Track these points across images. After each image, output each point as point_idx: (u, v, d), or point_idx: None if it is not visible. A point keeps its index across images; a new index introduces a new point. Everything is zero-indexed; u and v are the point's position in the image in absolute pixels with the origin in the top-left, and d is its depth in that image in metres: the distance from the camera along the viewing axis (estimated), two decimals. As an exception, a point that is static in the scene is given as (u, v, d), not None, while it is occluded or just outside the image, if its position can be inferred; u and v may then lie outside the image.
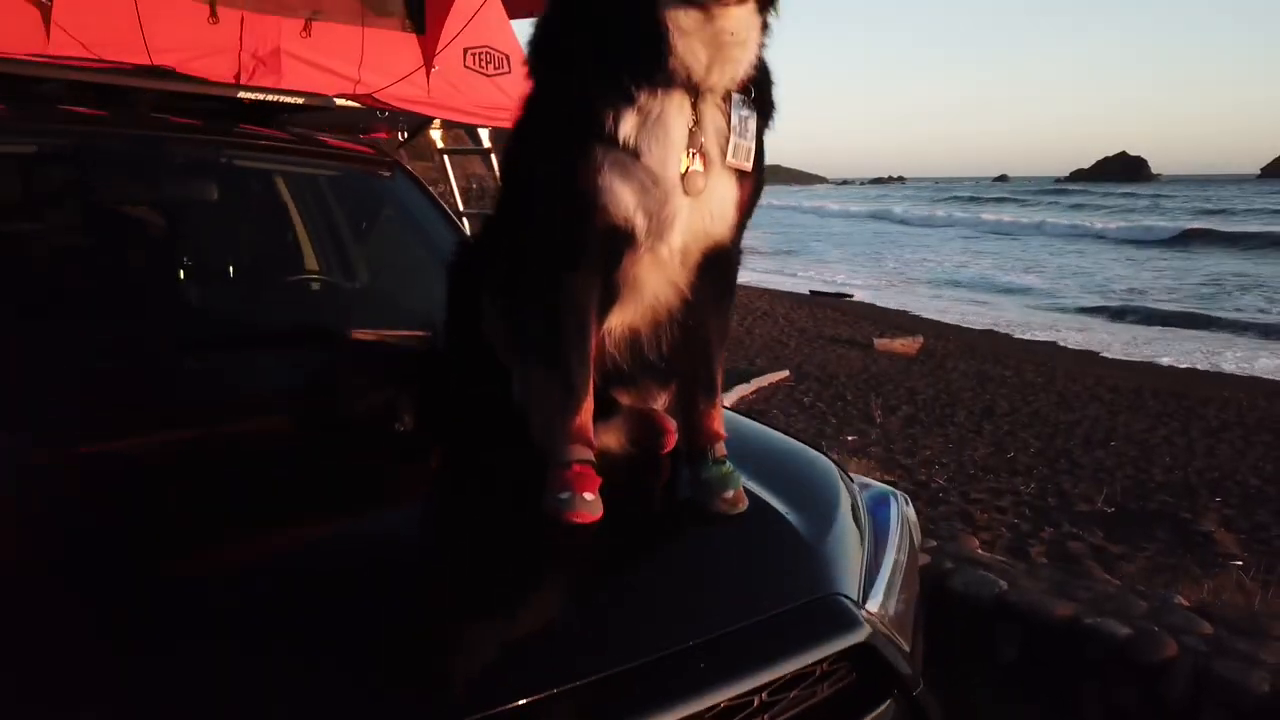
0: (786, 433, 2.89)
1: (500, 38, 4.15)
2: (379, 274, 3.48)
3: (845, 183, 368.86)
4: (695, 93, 1.83)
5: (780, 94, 2.02)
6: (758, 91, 1.90)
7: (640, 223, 1.87)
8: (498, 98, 4.16)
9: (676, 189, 1.86)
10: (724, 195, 1.94)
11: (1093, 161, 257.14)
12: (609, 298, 1.96)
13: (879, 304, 26.57)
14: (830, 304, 25.44)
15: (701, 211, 1.91)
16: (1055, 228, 58.43)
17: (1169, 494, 9.22)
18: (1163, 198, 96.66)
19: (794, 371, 14.96)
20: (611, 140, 1.81)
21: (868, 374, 15.26)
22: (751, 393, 13.22)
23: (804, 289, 29.84)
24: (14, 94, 3.08)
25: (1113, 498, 8.85)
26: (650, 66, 1.78)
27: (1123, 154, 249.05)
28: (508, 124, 4.51)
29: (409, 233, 3.52)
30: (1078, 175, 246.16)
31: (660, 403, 2.25)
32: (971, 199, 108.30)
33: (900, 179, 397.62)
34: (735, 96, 1.87)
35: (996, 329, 23.24)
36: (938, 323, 23.04)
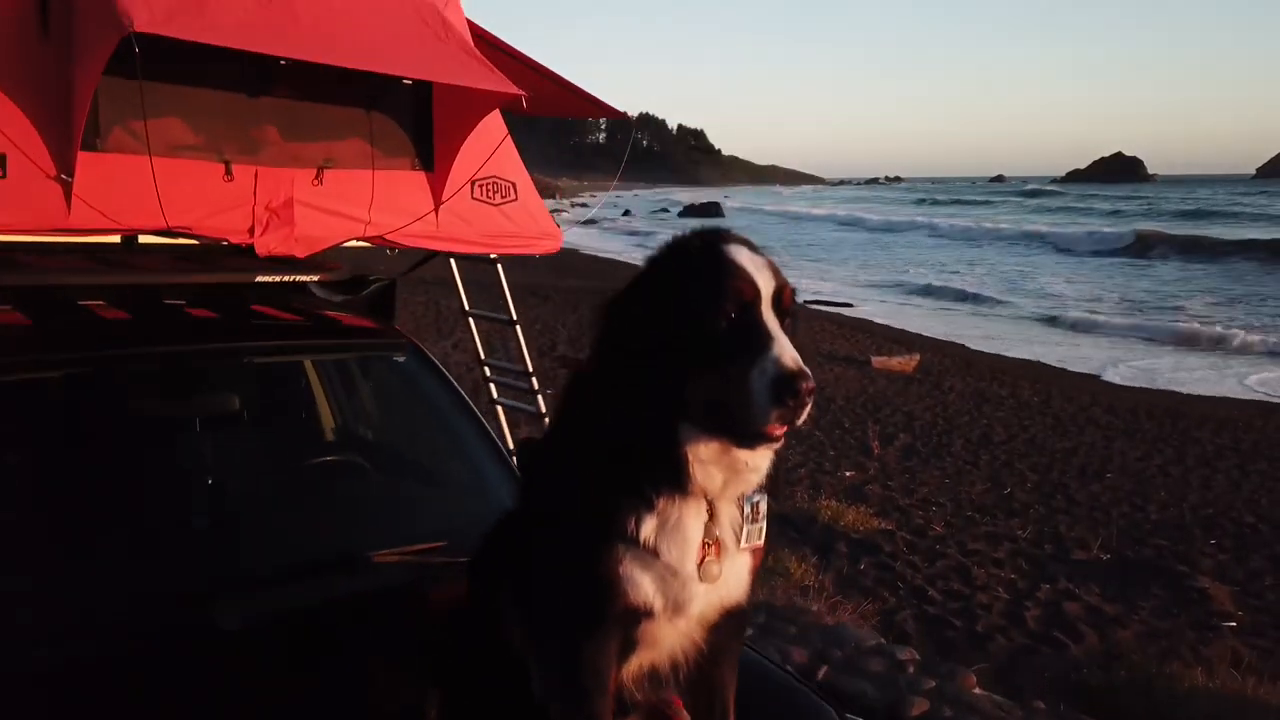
0: (789, 672, 2.93)
1: (507, 166, 4.18)
2: (393, 463, 3.49)
3: (842, 182, 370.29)
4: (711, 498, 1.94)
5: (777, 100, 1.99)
6: (769, 478, 1.99)
7: (659, 605, 1.97)
8: (505, 225, 4.21)
9: (693, 578, 1.97)
10: (739, 572, 2.05)
11: (1089, 162, 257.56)
12: (628, 647, 2.05)
13: (872, 317, 26.59)
14: (826, 316, 25.50)
15: (718, 589, 2.02)
16: (1015, 236, 57.57)
17: (1164, 536, 9.30)
18: (1137, 199, 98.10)
19: (792, 395, 15.02)
20: (633, 540, 1.92)
21: (865, 396, 15.32)
22: (750, 421, 13.27)
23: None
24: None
25: (1109, 543, 8.93)
26: (670, 485, 1.90)
27: (1118, 154, 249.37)
28: (515, 251, 4.61)
29: (422, 417, 3.56)
30: (1074, 175, 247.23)
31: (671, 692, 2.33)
32: (954, 202, 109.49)
33: (897, 179, 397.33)
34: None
35: (991, 343, 23.39)
36: (933, 338, 23.12)
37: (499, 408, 5.17)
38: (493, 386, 5.22)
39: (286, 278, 3.28)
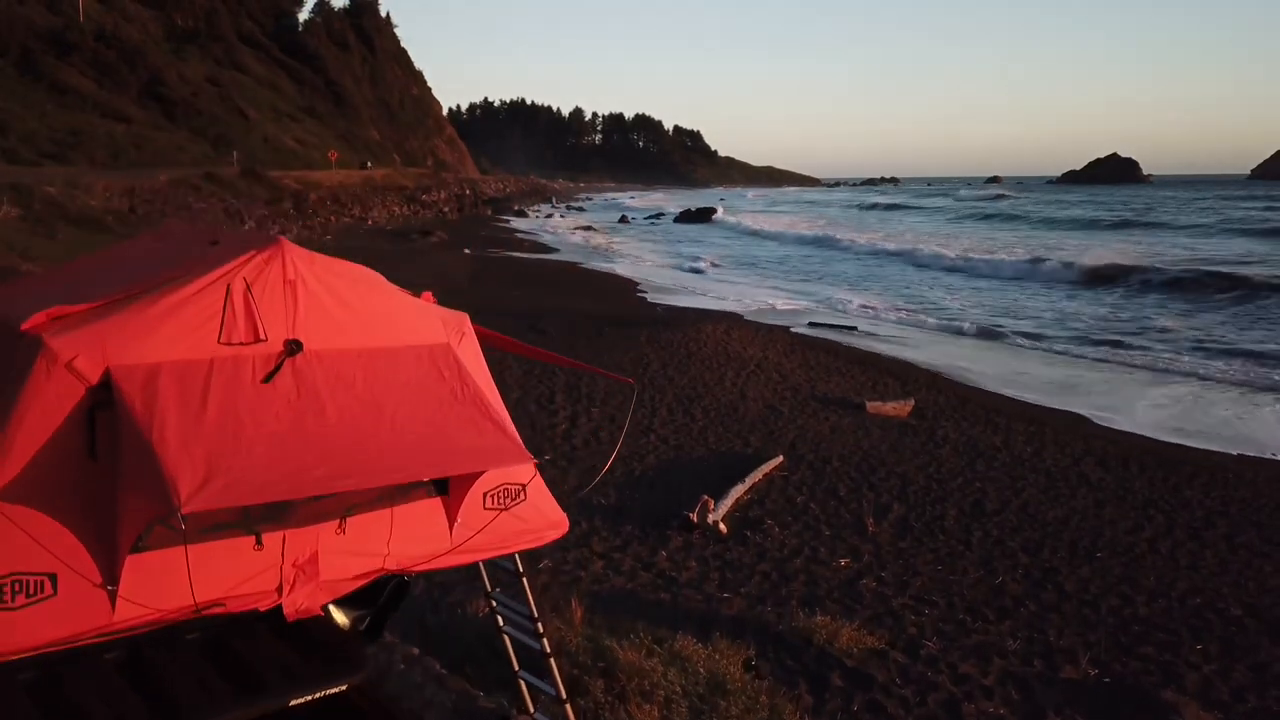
0: None
1: (516, 471, 4.38)
2: None
3: (838, 184, 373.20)
4: None
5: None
6: None
7: None
8: (515, 525, 4.38)
9: None
10: None
11: (1085, 163, 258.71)
12: None
13: (866, 347, 26.84)
14: (821, 344, 25.74)
15: None
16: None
17: (1152, 641, 9.57)
18: (1094, 204, 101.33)
19: (787, 453, 15.23)
20: None
21: (860, 453, 15.52)
22: (746, 492, 13.50)
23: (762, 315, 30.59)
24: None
25: (1097, 654, 9.19)
26: None
27: (1114, 155, 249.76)
28: (525, 546, 4.81)
29: None
30: (1070, 176, 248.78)
31: None
32: (901, 207, 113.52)
33: (893, 180, 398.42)
34: None
35: (983, 380, 23.70)
36: (930, 371, 23.36)
37: (506, 637, 5.41)
38: (499, 618, 5.45)
39: (319, 694, 3.48)
